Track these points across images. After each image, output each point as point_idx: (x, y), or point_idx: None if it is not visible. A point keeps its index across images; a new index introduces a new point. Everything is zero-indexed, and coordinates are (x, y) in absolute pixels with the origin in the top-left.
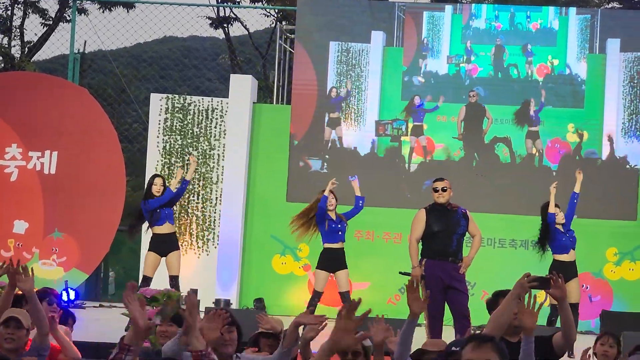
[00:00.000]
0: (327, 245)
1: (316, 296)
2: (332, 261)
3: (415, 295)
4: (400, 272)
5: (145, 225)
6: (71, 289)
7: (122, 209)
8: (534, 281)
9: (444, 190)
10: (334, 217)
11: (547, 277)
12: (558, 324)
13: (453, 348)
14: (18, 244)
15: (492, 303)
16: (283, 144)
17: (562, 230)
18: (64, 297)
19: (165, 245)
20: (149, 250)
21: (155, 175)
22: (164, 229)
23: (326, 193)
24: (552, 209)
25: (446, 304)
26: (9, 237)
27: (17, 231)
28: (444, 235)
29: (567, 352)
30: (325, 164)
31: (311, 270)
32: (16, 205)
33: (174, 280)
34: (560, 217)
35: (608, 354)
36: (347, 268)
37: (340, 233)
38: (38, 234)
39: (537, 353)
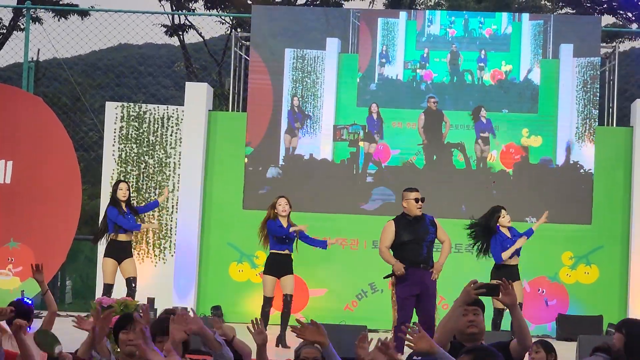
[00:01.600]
0: (274, 250)
1: (266, 302)
2: (278, 266)
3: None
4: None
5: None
6: (27, 299)
7: (79, 218)
8: (481, 288)
9: (422, 201)
10: (284, 224)
11: (495, 284)
12: (503, 327)
13: (414, 358)
14: None
15: None
16: (239, 151)
17: (509, 235)
18: None
19: (122, 252)
20: (105, 257)
21: (119, 181)
22: (124, 237)
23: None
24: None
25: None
26: None
27: None
28: (413, 244)
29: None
30: (281, 171)
31: None
32: None
33: (133, 282)
34: (506, 220)
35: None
36: (293, 274)
37: (287, 241)
38: None
39: None
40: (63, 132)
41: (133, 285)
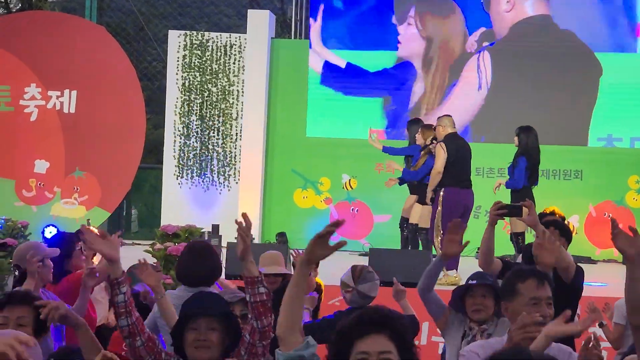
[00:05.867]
0: None
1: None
2: None
3: (455, 238)
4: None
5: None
6: (93, 227)
7: (143, 147)
8: (502, 208)
9: None
10: None
11: (518, 204)
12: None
13: (470, 282)
14: (40, 184)
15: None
16: (302, 78)
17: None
18: None
19: None
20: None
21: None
22: None
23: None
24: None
25: None
26: (30, 177)
27: (38, 171)
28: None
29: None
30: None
31: (332, 204)
32: (37, 145)
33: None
34: None
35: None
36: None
37: None
38: (59, 173)
39: (556, 291)
40: (126, 61)
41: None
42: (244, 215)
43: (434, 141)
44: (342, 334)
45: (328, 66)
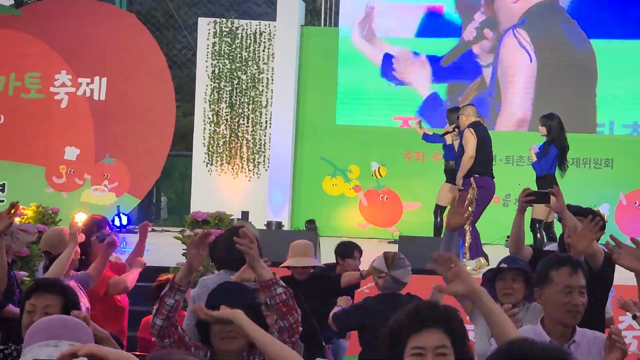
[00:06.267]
0: None
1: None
2: None
3: (459, 210)
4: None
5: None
6: (123, 214)
7: (172, 134)
8: (531, 195)
9: None
10: None
11: (546, 191)
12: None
13: (501, 265)
14: (70, 171)
15: None
16: (332, 66)
17: None
18: (117, 223)
19: None
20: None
21: None
22: None
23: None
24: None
25: None
26: (61, 163)
27: (69, 157)
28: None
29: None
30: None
31: (362, 192)
32: (67, 131)
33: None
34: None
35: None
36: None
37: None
38: (89, 160)
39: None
40: (156, 49)
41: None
42: (242, 232)
43: (456, 129)
44: (397, 328)
45: (387, 58)
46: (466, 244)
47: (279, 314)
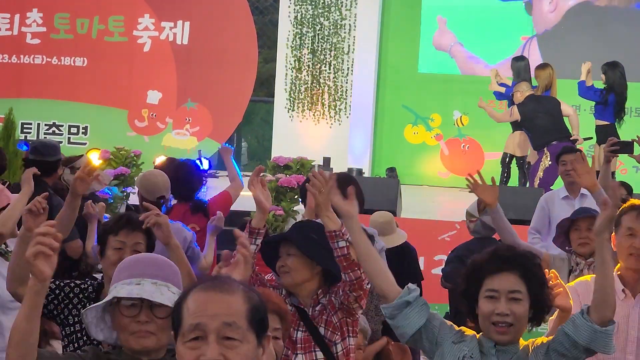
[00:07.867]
0: None
1: None
2: None
3: (487, 186)
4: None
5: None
6: (205, 158)
7: (254, 80)
8: (615, 145)
9: None
10: None
11: (629, 141)
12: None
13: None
14: (152, 114)
15: None
16: (415, 13)
17: None
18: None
19: None
20: None
21: None
22: None
23: None
24: None
25: None
26: (143, 107)
27: (151, 101)
28: None
29: None
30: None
31: (443, 140)
32: (149, 75)
33: None
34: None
35: None
36: None
37: None
38: (171, 104)
39: None
40: None
41: None
42: (320, 172)
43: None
44: (473, 269)
45: None
46: None
47: (341, 267)
